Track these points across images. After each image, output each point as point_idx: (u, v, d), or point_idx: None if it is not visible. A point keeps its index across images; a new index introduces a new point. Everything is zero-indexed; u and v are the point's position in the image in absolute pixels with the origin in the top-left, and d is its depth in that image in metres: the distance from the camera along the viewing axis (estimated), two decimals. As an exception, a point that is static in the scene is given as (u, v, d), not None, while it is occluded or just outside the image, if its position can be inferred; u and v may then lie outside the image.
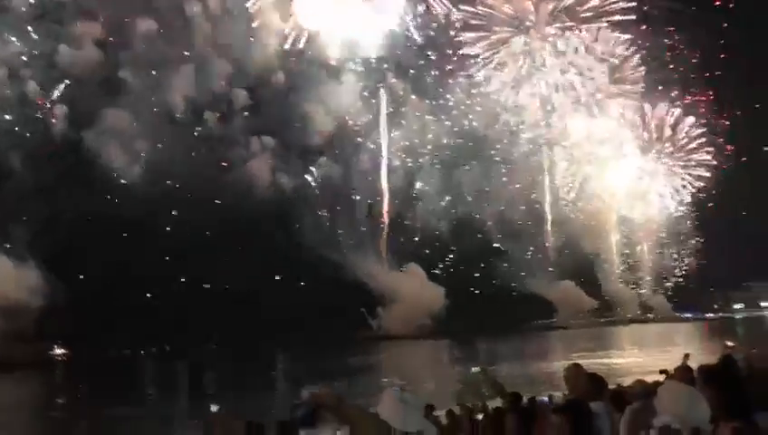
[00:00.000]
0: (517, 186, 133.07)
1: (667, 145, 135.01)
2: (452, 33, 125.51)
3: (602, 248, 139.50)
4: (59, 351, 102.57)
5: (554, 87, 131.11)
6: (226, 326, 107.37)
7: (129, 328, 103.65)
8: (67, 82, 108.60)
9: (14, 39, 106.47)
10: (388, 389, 3.21)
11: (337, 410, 2.81)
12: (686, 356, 10.51)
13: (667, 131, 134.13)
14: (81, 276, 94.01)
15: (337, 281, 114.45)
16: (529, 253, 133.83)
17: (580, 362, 8.66)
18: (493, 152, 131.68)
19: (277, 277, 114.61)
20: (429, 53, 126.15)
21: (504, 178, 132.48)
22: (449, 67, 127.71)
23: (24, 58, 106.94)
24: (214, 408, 6.44)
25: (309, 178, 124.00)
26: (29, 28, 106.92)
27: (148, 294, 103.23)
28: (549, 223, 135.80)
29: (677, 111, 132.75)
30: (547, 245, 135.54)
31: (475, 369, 8.65)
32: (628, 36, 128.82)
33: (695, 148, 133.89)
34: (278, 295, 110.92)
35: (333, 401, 2.80)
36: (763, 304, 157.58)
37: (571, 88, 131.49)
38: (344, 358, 65.73)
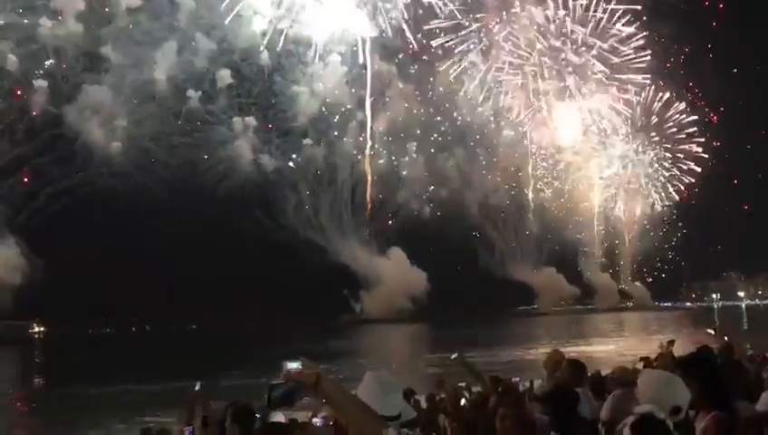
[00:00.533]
0: (501, 173, 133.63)
1: (653, 135, 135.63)
2: (438, 17, 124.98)
3: (585, 237, 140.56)
4: (37, 329, 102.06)
5: (540, 73, 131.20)
6: (207, 307, 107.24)
7: (109, 307, 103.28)
8: (51, 62, 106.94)
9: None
10: (368, 371, 3.18)
11: (315, 390, 2.78)
12: (671, 343, 10.51)
13: (654, 120, 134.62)
14: (61, 254, 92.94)
15: (319, 264, 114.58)
16: (511, 240, 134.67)
17: (560, 348, 8.70)
18: (477, 139, 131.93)
19: (259, 259, 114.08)
20: (416, 37, 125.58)
21: (488, 165, 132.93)
22: (435, 52, 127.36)
23: (4, 31, 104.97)
24: (197, 386, 6.37)
25: (291, 160, 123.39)
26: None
27: (127, 274, 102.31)
28: (532, 210, 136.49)
29: (665, 98, 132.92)
30: (529, 232, 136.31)
31: (453, 356, 8.65)
32: (619, 25, 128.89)
33: (683, 138, 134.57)
34: (259, 277, 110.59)
35: (312, 380, 2.76)
36: (739, 293, 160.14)
37: (557, 74, 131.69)
38: (326, 341, 65.84)
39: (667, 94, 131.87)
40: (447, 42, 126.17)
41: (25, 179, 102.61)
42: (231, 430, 5.35)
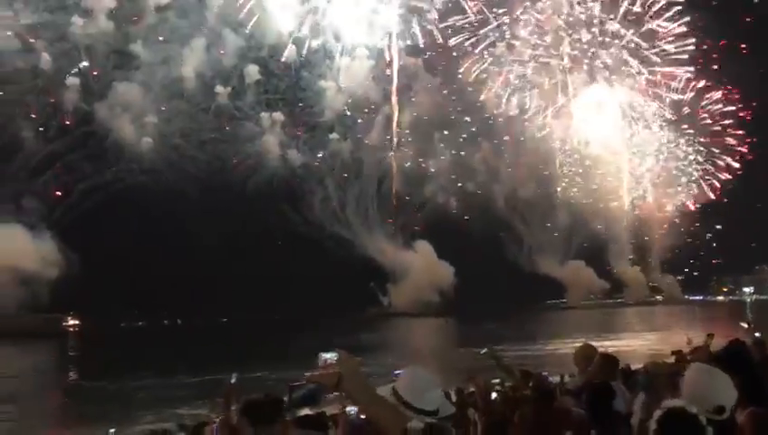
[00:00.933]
0: (528, 166, 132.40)
1: (686, 127, 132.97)
2: (464, 12, 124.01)
3: (614, 230, 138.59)
4: (72, 322, 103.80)
5: (568, 64, 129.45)
6: (236, 301, 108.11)
7: (141, 301, 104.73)
8: (86, 64, 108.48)
9: (27, 11, 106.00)
10: (408, 366, 3.21)
11: (337, 389, 2.84)
12: (710, 336, 10.35)
13: (687, 111, 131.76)
14: (94, 249, 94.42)
15: (346, 258, 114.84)
16: (539, 233, 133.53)
17: (590, 342, 8.64)
18: (504, 132, 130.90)
19: (286, 254, 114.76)
20: (443, 33, 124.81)
21: (515, 159, 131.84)
22: (461, 46, 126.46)
23: (37, 30, 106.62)
24: (233, 378, 6.45)
25: (318, 155, 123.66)
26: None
27: (158, 268, 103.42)
28: (560, 204, 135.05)
29: (699, 88, 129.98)
30: (557, 226, 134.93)
31: (483, 351, 8.61)
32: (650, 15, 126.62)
33: (718, 131, 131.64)
34: (287, 272, 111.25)
35: (333, 380, 2.81)
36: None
37: (587, 67, 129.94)
38: (353, 334, 65.92)
39: (702, 83, 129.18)
40: (472, 37, 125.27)
41: (58, 193, 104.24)
42: (240, 422, 5.40)
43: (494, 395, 9.10)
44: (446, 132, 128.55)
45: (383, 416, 2.86)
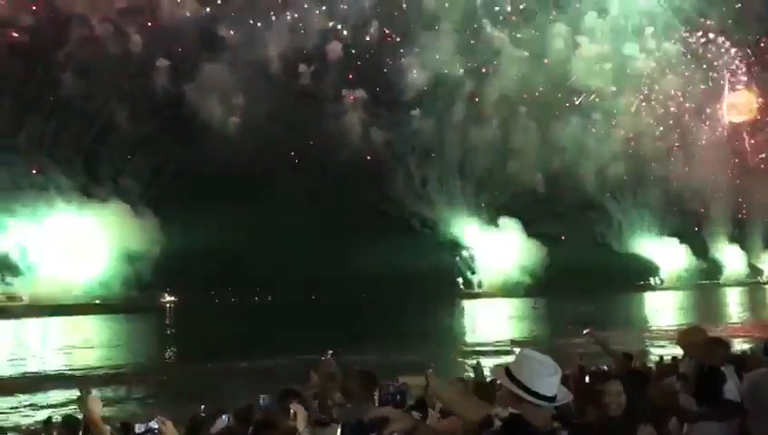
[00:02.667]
0: (620, 141, 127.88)
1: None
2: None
3: (711, 206, 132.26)
4: (168, 298, 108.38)
5: (663, 33, 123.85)
6: (322, 279, 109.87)
7: (233, 278, 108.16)
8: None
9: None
10: (526, 349, 3.08)
11: (425, 391, 3.13)
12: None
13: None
14: (189, 227, 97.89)
15: (431, 236, 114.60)
16: (631, 210, 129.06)
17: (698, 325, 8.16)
18: (594, 105, 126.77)
19: (370, 232, 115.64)
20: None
21: (606, 133, 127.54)
22: (549, 14, 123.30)
23: (129, 15, 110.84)
24: (328, 354, 6.54)
25: (400, 132, 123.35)
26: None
27: (248, 245, 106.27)
28: (653, 179, 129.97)
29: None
30: (650, 202, 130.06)
31: (585, 331, 8.31)
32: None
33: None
34: (371, 250, 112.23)
35: (421, 383, 3.05)
36: None
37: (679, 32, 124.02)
38: (440, 317, 65.68)
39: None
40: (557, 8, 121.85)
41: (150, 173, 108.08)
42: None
43: (587, 378, 8.79)
44: (531, 100, 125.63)
45: (471, 413, 2.93)
